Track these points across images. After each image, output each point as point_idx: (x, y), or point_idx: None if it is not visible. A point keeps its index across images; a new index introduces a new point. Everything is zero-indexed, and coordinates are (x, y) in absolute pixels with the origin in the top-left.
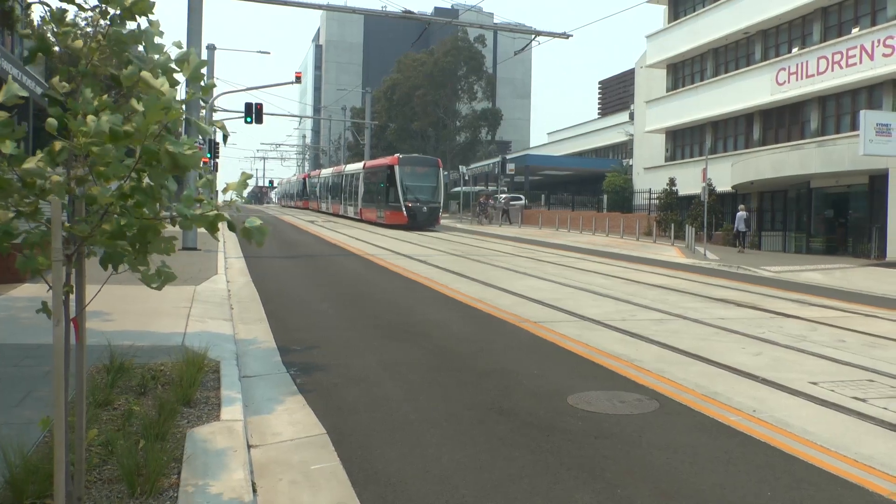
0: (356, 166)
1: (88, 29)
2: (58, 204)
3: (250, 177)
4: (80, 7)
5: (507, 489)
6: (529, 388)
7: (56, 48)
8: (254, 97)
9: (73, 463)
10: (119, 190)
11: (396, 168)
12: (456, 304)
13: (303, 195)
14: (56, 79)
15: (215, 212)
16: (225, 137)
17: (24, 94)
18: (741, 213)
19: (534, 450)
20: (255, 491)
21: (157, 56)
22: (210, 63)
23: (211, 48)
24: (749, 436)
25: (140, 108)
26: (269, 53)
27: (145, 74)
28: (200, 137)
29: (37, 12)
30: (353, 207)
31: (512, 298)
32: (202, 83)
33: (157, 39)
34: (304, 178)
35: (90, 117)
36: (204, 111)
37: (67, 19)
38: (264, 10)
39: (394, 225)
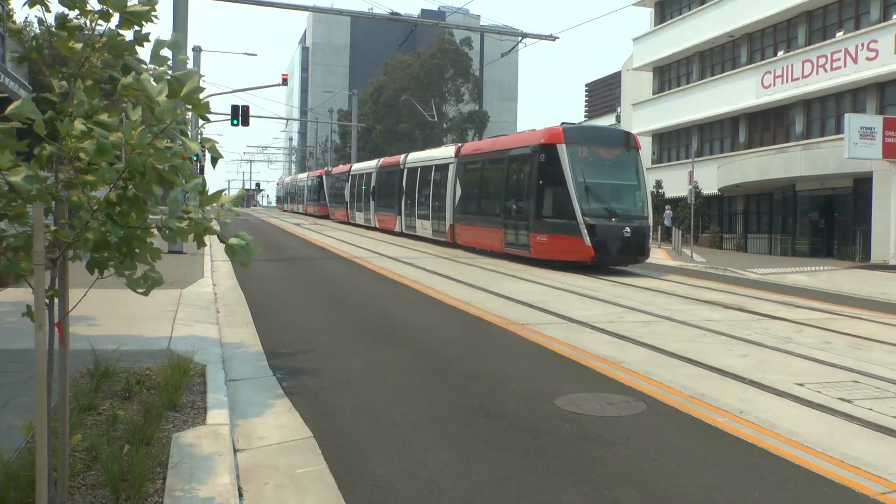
0: (438, 154)
1: (78, 31)
2: (40, 208)
3: (245, 194)
4: (81, 10)
5: (495, 491)
6: (517, 391)
7: (45, 51)
8: (240, 99)
9: (57, 469)
10: (106, 198)
11: (562, 149)
12: (443, 307)
13: (319, 199)
14: (54, 79)
15: (204, 223)
16: (214, 160)
17: (37, 116)
18: (668, 212)
19: (521, 452)
20: (241, 495)
21: (154, 67)
22: (196, 66)
23: (197, 50)
24: (736, 437)
25: (135, 115)
26: (255, 55)
27: (144, 78)
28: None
29: (22, 13)
30: (430, 223)
31: (499, 301)
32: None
33: (164, 52)
34: (322, 176)
35: (78, 121)
36: (189, 114)
37: (71, 23)
38: (250, 11)
39: (559, 263)
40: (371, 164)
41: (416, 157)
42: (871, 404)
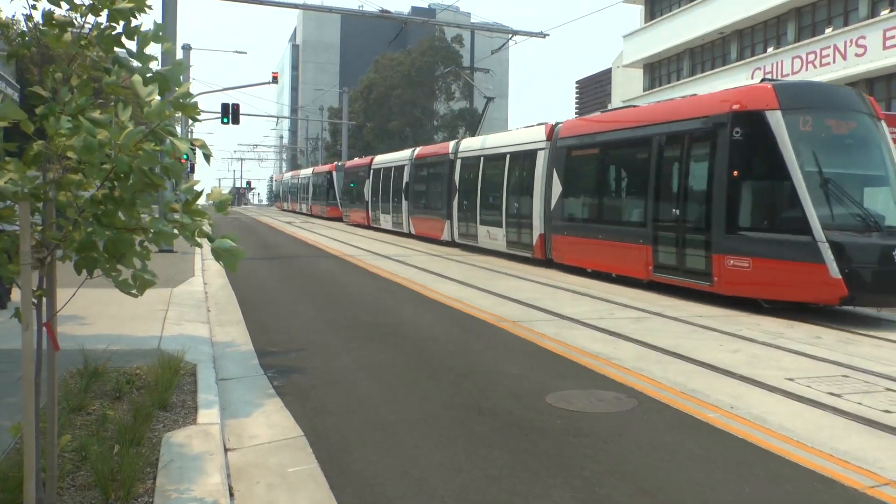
0: (514, 139)
1: (69, 26)
2: (27, 208)
3: (230, 199)
4: (71, 5)
5: (486, 489)
6: (508, 388)
7: (33, 48)
8: (230, 97)
9: (45, 469)
10: (92, 198)
11: (776, 120)
12: (435, 305)
13: (329, 197)
14: (51, 68)
15: (192, 226)
16: (208, 157)
17: (21, 117)
18: None
19: (513, 450)
20: (231, 495)
21: (139, 64)
22: (186, 64)
23: (186, 48)
24: (727, 432)
25: (124, 115)
26: (245, 53)
27: (136, 79)
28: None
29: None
30: (503, 232)
31: (492, 298)
32: (186, 97)
33: (149, 50)
34: (332, 172)
35: (64, 118)
36: (179, 114)
37: (59, 19)
38: (241, 9)
39: (779, 305)
40: (402, 156)
41: (475, 144)
42: (861, 398)
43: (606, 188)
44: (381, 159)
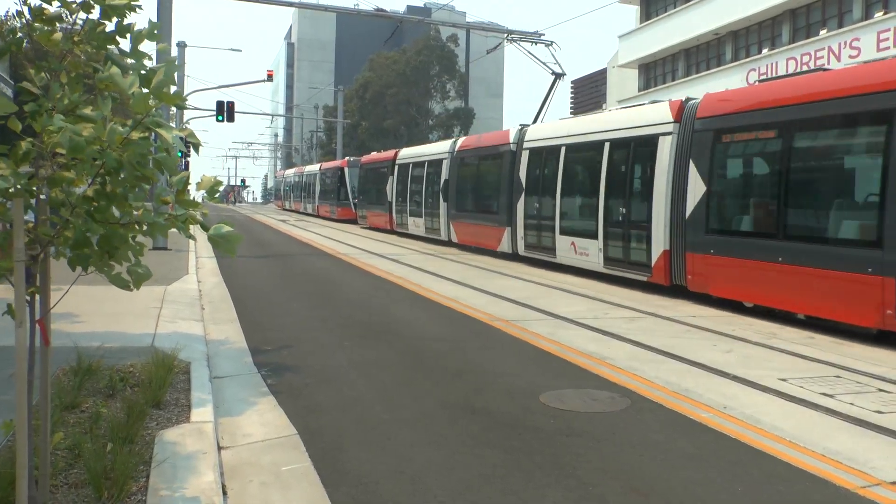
0: (615, 122)
1: (58, 21)
2: (20, 205)
3: (220, 183)
4: (63, 2)
5: (480, 488)
6: (502, 387)
7: (25, 43)
8: (225, 95)
9: (38, 467)
10: (83, 195)
11: None
12: (429, 304)
13: (339, 197)
14: (33, 71)
15: (185, 216)
16: (196, 147)
17: (10, 110)
18: None
19: (506, 449)
20: (225, 493)
21: (131, 60)
22: (181, 61)
23: (181, 45)
24: (720, 432)
25: (105, 110)
26: (240, 51)
27: (115, 72)
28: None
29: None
30: (598, 245)
31: (486, 298)
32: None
33: (142, 47)
34: (343, 168)
35: (57, 116)
36: (174, 110)
37: (49, 14)
38: (236, 7)
39: None
40: (439, 149)
41: (549, 130)
42: (853, 399)
43: (796, 187)
44: (409, 153)
